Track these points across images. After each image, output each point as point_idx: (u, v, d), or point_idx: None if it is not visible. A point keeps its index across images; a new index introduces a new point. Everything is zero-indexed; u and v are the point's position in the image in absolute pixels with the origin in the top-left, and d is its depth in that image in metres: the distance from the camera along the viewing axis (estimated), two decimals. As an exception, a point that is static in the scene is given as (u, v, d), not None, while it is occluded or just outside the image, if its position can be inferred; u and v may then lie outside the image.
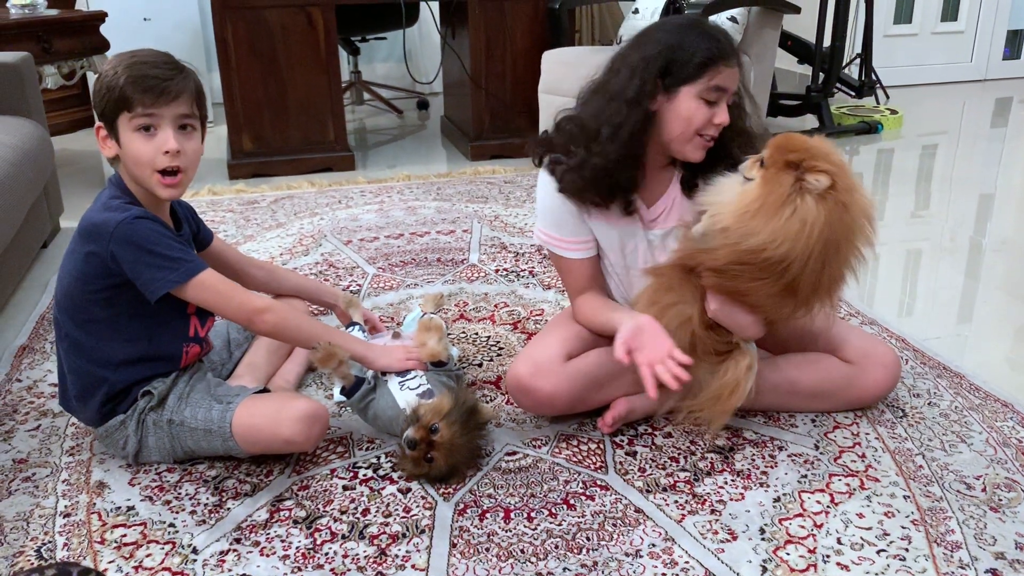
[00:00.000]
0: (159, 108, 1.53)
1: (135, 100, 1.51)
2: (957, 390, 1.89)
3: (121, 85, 1.51)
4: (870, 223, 1.54)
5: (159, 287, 1.53)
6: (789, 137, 1.54)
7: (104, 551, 1.45)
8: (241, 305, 1.60)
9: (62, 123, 4.25)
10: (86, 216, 1.57)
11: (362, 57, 5.07)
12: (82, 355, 1.62)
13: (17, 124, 2.66)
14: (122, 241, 1.51)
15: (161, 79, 1.52)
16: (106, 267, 1.53)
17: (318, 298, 2.06)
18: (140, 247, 1.52)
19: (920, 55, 5.43)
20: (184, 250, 1.59)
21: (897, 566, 1.39)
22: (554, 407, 1.74)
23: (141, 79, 1.51)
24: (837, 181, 1.48)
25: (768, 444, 1.71)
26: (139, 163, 1.54)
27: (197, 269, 1.56)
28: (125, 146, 1.55)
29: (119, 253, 1.51)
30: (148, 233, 1.53)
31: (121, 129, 1.54)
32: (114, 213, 1.53)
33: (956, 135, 4.37)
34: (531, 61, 3.78)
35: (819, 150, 1.50)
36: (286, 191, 3.46)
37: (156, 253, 1.52)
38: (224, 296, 1.59)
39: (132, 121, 1.53)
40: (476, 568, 1.40)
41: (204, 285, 1.57)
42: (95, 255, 1.54)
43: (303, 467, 1.67)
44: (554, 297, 2.41)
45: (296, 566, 1.41)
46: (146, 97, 1.51)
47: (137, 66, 1.53)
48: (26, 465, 1.69)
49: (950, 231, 2.97)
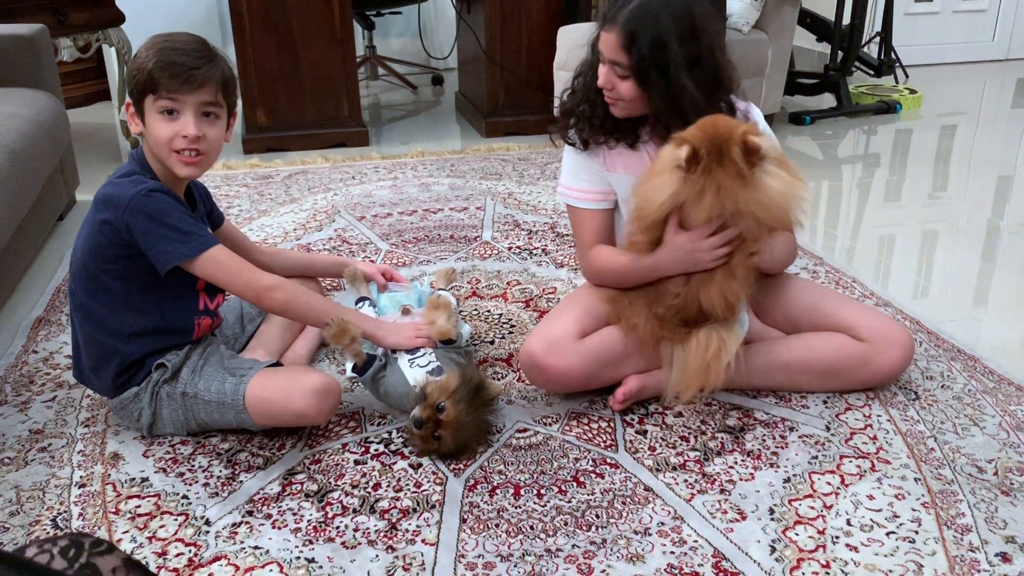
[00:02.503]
0: (183, 94, 1.55)
1: (161, 84, 1.54)
2: (971, 373, 1.89)
3: (150, 68, 1.54)
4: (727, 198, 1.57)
5: (169, 259, 1.54)
6: (713, 118, 1.59)
7: (119, 521, 1.47)
8: (250, 282, 1.60)
9: (77, 96, 4.25)
10: (103, 187, 1.60)
11: (377, 32, 5.05)
12: (95, 326, 1.63)
13: (33, 96, 2.66)
14: (136, 212, 1.53)
15: (188, 66, 1.54)
16: (119, 237, 1.55)
17: (326, 270, 2.07)
18: (154, 218, 1.53)
19: (941, 34, 5.35)
20: (197, 224, 1.60)
21: (907, 548, 1.39)
22: (567, 384, 1.75)
23: (169, 65, 1.54)
24: (701, 156, 1.52)
25: (779, 425, 1.71)
26: (159, 143, 1.57)
27: (208, 244, 1.57)
28: (148, 126, 1.58)
29: (133, 224, 1.53)
30: (162, 205, 1.55)
31: (146, 109, 1.57)
32: (131, 185, 1.55)
33: (976, 115, 4.32)
34: (547, 37, 3.75)
35: (705, 129, 1.55)
36: (300, 166, 3.46)
37: (169, 225, 1.54)
38: (233, 272, 1.60)
39: (156, 103, 1.56)
40: (486, 543, 1.41)
41: (214, 260, 1.58)
42: (108, 224, 1.55)
43: (315, 441, 1.68)
44: (567, 275, 2.41)
45: (307, 539, 1.42)
46: (172, 82, 1.54)
47: (167, 51, 1.55)
48: (42, 436, 1.71)
49: (967, 213, 2.94)
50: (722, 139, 1.52)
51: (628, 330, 1.72)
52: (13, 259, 2.31)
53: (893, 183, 3.28)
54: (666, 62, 1.59)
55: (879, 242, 2.71)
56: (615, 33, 1.62)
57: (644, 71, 1.61)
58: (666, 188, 1.58)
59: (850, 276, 2.37)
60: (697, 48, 1.60)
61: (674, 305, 1.67)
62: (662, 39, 1.58)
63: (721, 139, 1.52)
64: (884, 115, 4.21)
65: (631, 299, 1.72)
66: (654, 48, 1.59)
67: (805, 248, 2.54)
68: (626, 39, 1.60)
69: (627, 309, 1.72)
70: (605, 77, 1.67)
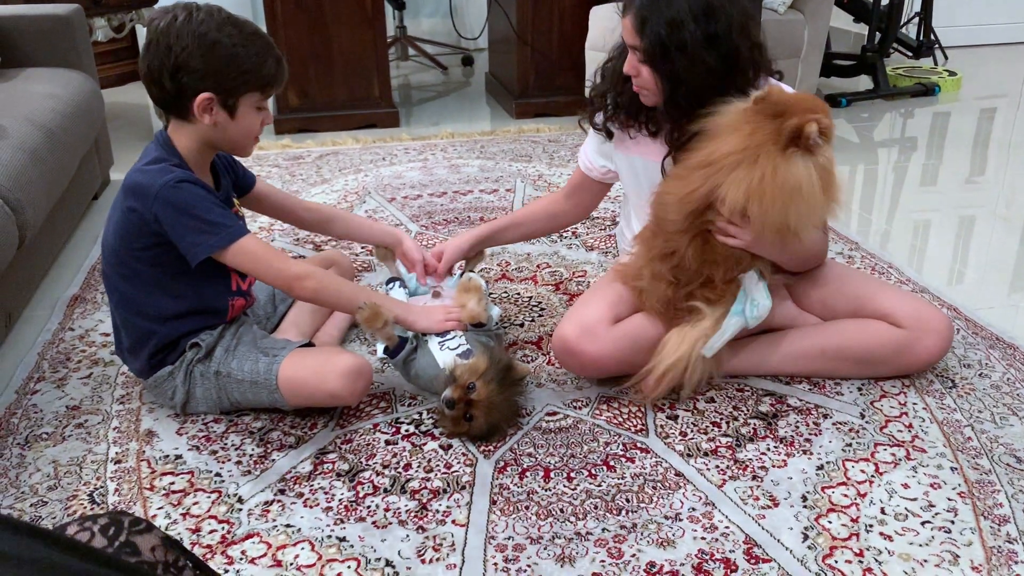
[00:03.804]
0: (279, 89, 1.64)
1: (277, 83, 1.60)
2: (1010, 361, 1.85)
3: (271, 68, 1.57)
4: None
5: (200, 251, 1.55)
6: (809, 96, 1.61)
7: (153, 497, 1.49)
8: (280, 271, 1.60)
9: (111, 76, 4.29)
10: (131, 173, 1.59)
11: (407, 12, 5.03)
12: (130, 310, 1.65)
13: (68, 76, 2.69)
14: (165, 203, 1.53)
15: (283, 61, 1.61)
16: (147, 225, 1.55)
17: (371, 238, 1.98)
18: (182, 210, 1.53)
19: (982, 14, 5.23)
20: (226, 214, 1.59)
21: (942, 538, 1.37)
22: (601, 370, 1.74)
23: (280, 61, 1.59)
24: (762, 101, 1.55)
25: (813, 412, 1.69)
26: (248, 135, 1.62)
27: (237, 234, 1.57)
28: (241, 119, 1.59)
29: (161, 215, 1.53)
30: (190, 197, 1.54)
31: (243, 104, 1.58)
32: (159, 175, 1.54)
33: (1017, 98, 4.22)
34: (579, 17, 3.71)
35: (795, 97, 1.57)
36: (331, 147, 3.47)
37: (198, 217, 1.54)
38: (263, 262, 1.59)
39: (259, 99, 1.59)
40: (515, 525, 1.41)
41: (244, 250, 1.57)
42: (135, 212, 1.55)
43: (346, 421, 1.69)
44: (597, 259, 2.39)
45: (338, 518, 1.43)
46: (281, 79, 1.60)
47: (269, 47, 1.57)
48: (79, 412, 1.73)
49: (1006, 198, 2.88)
50: (797, 110, 1.51)
51: (637, 295, 1.74)
52: (49, 238, 2.34)
53: (930, 167, 3.22)
54: (678, 45, 1.58)
55: (915, 227, 2.67)
56: (631, 18, 1.62)
57: (656, 55, 1.60)
58: (732, 123, 1.57)
59: (885, 261, 2.33)
60: (713, 29, 1.57)
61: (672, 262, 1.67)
62: (676, 21, 1.57)
63: (796, 109, 1.51)
64: (922, 97, 4.13)
65: (641, 267, 1.73)
66: (668, 31, 1.57)
67: (840, 233, 2.51)
68: (639, 23, 1.60)
69: (635, 277, 1.75)
70: (630, 64, 1.67)
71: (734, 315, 1.65)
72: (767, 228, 1.54)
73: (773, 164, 1.50)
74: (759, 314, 1.67)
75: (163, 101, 1.58)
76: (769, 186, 1.50)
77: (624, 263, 1.82)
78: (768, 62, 1.68)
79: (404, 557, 1.35)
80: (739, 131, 1.54)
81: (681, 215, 1.62)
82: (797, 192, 1.51)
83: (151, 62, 1.54)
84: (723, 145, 1.55)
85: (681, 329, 1.66)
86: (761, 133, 1.51)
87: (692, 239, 1.64)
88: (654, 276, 1.69)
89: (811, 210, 1.54)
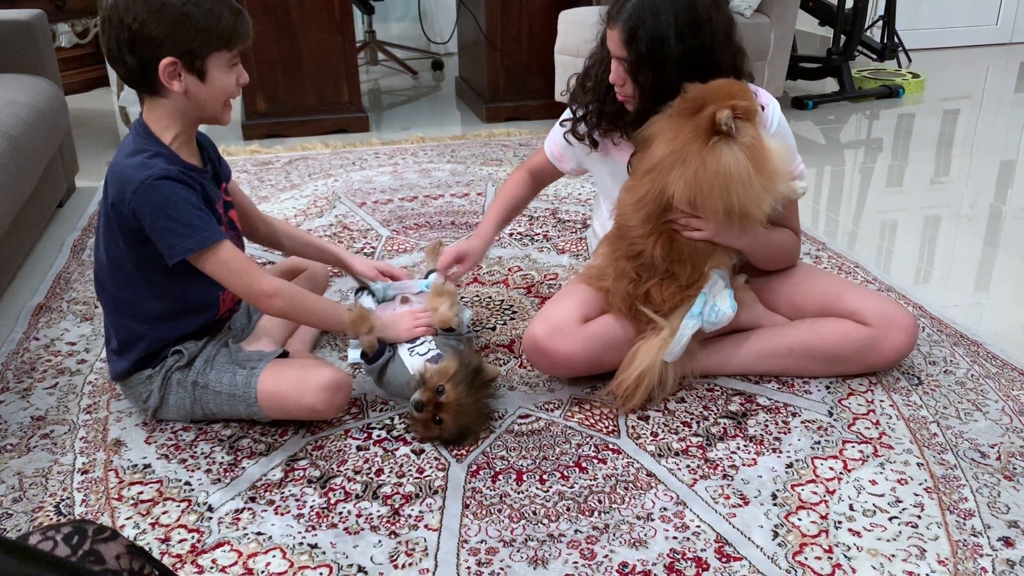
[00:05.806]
0: (247, 42, 1.56)
1: (240, 36, 1.53)
2: (974, 358, 1.88)
3: (228, 21, 1.51)
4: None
5: (175, 253, 1.52)
6: (732, 82, 1.64)
7: (121, 508, 1.47)
8: (250, 286, 1.57)
9: (76, 82, 4.24)
10: (111, 168, 1.57)
11: (376, 16, 5.02)
12: (122, 312, 1.64)
13: (31, 83, 2.65)
14: (143, 202, 1.50)
15: (244, 13, 1.55)
16: (127, 223, 1.54)
17: (322, 258, 2.00)
18: (160, 210, 1.50)
19: (944, 18, 5.32)
20: (203, 217, 1.54)
21: (909, 533, 1.39)
22: (571, 368, 1.75)
23: (238, 13, 1.53)
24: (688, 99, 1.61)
25: (782, 410, 1.71)
26: (220, 97, 1.56)
27: (212, 239, 1.53)
28: (212, 82, 1.54)
29: (140, 213, 1.51)
30: (169, 197, 1.51)
31: (212, 64, 1.53)
32: (137, 171, 1.51)
33: (979, 100, 4.30)
34: (548, 21, 3.73)
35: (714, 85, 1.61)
36: (300, 152, 3.45)
37: (174, 218, 1.51)
38: (235, 273, 1.56)
39: (228, 56, 1.54)
40: (488, 529, 1.41)
41: (217, 258, 1.54)
42: (115, 208, 1.54)
43: (317, 427, 1.68)
44: (568, 262, 2.40)
45: (310, 525, 1.42)
46: (245, 31, 1.54)
47: (223, 1, 1.51)
48: (44, 422, 1.71)
49: (970, 198, 2.93)
50: (712, 100, 1.57)
51: (603, 296, 1.76)
52: (13, 246, 2.30)
53: (896, 168, 3.27)
54: (665, 58, 1.61)
55: (881, 227, 2.71)
56: (618, 30, 1.64)
57: (643, 66, 1.63)
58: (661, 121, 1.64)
59: (852, 261, 2.36)
60: (697, 42, 1.61)
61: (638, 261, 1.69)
62: (662, 35, 1.59)
63: (712, 99, 1.57)
64: (887, 99, 4.19)
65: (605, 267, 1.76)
66: (653, 43, 1.60)
67: (807, 233, 2.54)
68: (627, 35, 1.62)
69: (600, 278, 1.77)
70: (615, 73, 1.69)
71: (691, 317, 1.67)
72: (718, 215, 1.60)
73: (700, 158, 1.57)
74: (717, 320, 1.68)
75: (131, 79, 1.54)
76: (703, 178, 1.57)
77: (590, 264, 1.84)
78: (748, 70, 1.72)
79: (377, 563, 1.34)
80: (667, 134, 1.61)
81: (640, 220, 1.66)
82: (728, 176, 1.57)
83: (109, 41, 1.51)
84: (658, 150, 1.62)
85: (647, 340, 1.69)
86: (685, 131, 1.58)
87: (657, 239, 1.66)
88: (618, 275, 1.71)
89: (748, 189, 1.59)
